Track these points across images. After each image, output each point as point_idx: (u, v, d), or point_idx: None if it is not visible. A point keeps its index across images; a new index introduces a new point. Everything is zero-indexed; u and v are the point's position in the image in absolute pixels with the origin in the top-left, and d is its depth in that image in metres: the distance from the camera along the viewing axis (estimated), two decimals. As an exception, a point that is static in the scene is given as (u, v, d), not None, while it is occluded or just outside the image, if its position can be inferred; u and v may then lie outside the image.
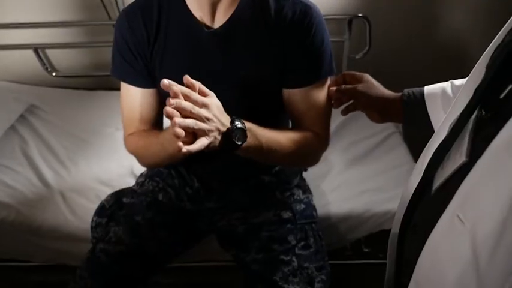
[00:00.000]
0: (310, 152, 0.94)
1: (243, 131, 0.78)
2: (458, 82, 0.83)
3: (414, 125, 0.88)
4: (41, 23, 1.71)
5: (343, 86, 0.94)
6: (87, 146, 1.50)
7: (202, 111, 0.72)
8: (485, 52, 0.57)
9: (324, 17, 0.89)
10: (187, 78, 0.73)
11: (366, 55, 1.70)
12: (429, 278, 0.51)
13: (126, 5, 1.66)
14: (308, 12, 0.85)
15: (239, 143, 0.78)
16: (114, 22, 1.64)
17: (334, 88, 0.94)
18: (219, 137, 0.76)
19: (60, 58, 1.82)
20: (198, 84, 0.74)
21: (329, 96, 0.94)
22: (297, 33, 0.85)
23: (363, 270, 1.36)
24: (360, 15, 1.62)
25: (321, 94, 0.92)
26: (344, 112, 0.99)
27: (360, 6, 1.68)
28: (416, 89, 0.88)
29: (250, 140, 0.80)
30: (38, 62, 1.78)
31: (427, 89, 0.87)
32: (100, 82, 1.82)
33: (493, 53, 0.53)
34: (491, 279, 0.42)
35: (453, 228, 0.47)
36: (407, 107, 0.87)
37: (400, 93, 0.90)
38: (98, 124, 1.59)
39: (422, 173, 0.57)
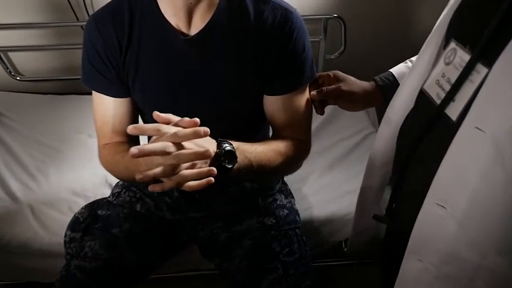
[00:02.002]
0: (296, 160, 0.93)
1: (232, 152, 0.74)
2: (414, 58, 0.93)
3: None
4: (3, 25, 1.62)
5: (325, 88, 0.93)
6: (58, 155, 1.43)
7: (186, 143, 0.67)
8: (439, 21, 0.71)
9: None
10: (157, 115, 0.68)
11: (342, 55, 1.70)
12: (449, 187, 0.58)
13: (94, 5, 1.62)
14: (289, 17, 0.83)
15: (230, 166, 0.74)
16: (82, 23, 1.60)
17: (315, 92, 0.92)
18: (206, 165, 0.70)
19: (25, 61, 1.74)
20: (174, 118, 0.69)
21: (311, 100, 0.93)
22: (278, 39, 0.83)
23: (344, 270, 1.36)
24: (335, 15, 1.62)
25: (302, 100, 0.90)
26: (322, 111, 0.98)
27: (334, 7, 1.68)
28: (384, 74, 0.95)
29: (240, 159, 0.76)
30: (0, 66, 1.69)
31: (394, 70, 0.95)
32: (70, 86, 1.74)
33: (453, 14, 0.67)
34: None
35: (472, 139, 0.55)
36: (386, 91, 0.92)
37: (372, 82, 0.95)
38: (69, 131, 1.52)
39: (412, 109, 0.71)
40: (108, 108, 0.89)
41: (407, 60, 0.96)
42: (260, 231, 1.00)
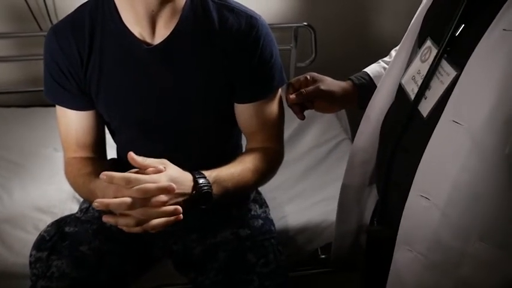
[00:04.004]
0: (271, 172, 0.93)
1: (208, 194, 0.75)
2: (387, 58, 0.97)
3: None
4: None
5: (304, 90, 0.91)
6: (21, 170, 1.37)
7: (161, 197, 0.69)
8: (413, 20, 0.74)
9: (269, 26, 0.87)
10: (132, 156, 0.70)
11: (313, 63, 1.72)
12: (430, 179, 0.61)
13: (58, 15, 1.57)
14: (254, 24, 0.83)
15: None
16: (45, 33, 1.54)
17: (294, 96, 0.91)
18: (181, 203, 0.73)
19: (-15, 73, 1.67)
20: (148, 162, 0.71)
21: (290, 104, 0.92)
22: (245, 47, 0.82)
23: (322, 279, 1.35)
24: (305, 23, 1.64)
25: (273, 106, 0.90)
26: (302, 115, 0.96)
27: (304, 15, 1.70)
28: (359, 74, 0.96)
29: (217, 191, 0.77)
30: (-41, 79, 1.62)
31: (369, 70, 0.96)
32: (34, 98, 1.68)
33: (426, 12, 0.70)
34: (492, 152, 0.53)
35: (450, 132, 0.57)
36: (362, 90, 0.93)
37: (348, 82, 0.95)
38: (33, 145, 1.46)
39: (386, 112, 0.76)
40: (71, 121, 0.87)
41: (379, 60, 0.98)
42: (235, 242, 0.98)
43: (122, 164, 1.02)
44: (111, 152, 1.03)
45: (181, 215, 0.69)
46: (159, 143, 0.92)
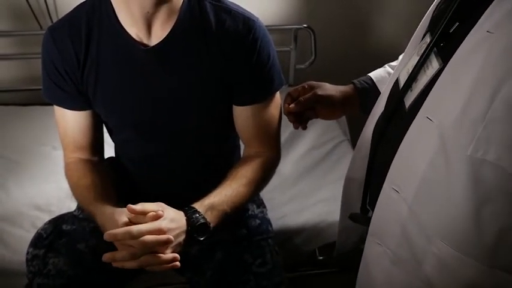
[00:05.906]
0: (268, 177, 0.94)
1: (204, 225, 0.78)
2: (394, 63, 0.94)
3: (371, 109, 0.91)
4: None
5: (301, 97, 0.90)
6: (19, 169, 1.37)
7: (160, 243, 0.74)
8: (423, 19, 0.73)
9: (269, 28, 0.87)
10: (131, 208, 0.74)
11: (312, 64, 1.72)
12: (402, 172, 0.62)
13: (58, 13, 1.58)
14: (251, 26, 0.83)
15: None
16: (46, 32, 1.55)
17: (293, 105, 0.89)
18: (182, 242, 0.78)
19: (-15, 71, 1.67)
20: (146, 208, 0.75)
21: (286, 112, 0.91)
22: (242, 49, 0.82)
23: (318, 280, 1.35)
24: (305, 25, 1.64)
25: (272, 109, 0.90)
26: (304, 126, 0.96)
27: (304, 17, 1.70)
28: (363, 78, 0.95)
29: (213, 218, 0.80)
30: (-41, 76, 1.62)
31: (373, 74, 0.94)
32: (33, 97, 1.68)
33: (433, 12, 0.70)
34: (456, 152, 0.53)
35: (423, 128, 0.58)
36: (364, 95, 0.92)
37: (350, 85, 0.94)
38: (32, 143, 1.46)
39: (384, 107, 0.75)
40: (68, 121, 0.88)
41: (386, 65, 0.97)
42: (231, 242, 0.98)
43: (119, 163, 1.02)
44: (110, 150, 1.04)
45: (178, 262, 0.76)
46: (156, 143, 0.92)
